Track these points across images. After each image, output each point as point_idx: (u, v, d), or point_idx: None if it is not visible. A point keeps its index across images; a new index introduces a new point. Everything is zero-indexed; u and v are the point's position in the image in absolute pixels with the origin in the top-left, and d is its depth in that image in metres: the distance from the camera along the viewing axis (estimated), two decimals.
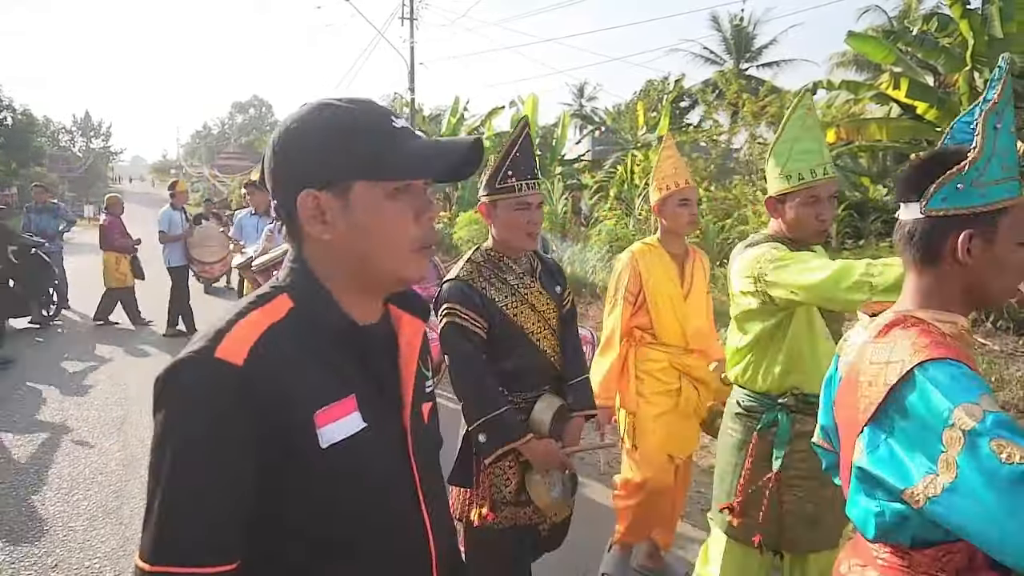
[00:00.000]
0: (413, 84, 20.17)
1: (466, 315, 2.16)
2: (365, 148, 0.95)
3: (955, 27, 8.40)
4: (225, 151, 62.91)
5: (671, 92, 19.65)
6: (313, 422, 0.93)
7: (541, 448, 2.18)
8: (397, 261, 1.00)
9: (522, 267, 2.32)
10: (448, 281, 2.23)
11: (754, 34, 27.19)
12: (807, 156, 2.15)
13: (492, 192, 2.23)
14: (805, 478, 2.12)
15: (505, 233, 2.25)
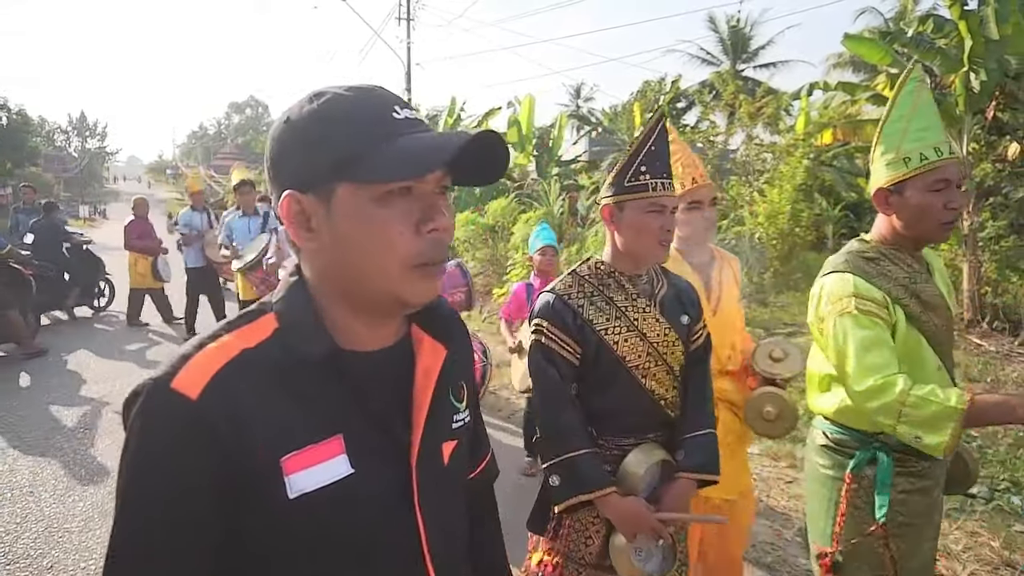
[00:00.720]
0: (410, 85, 20.17)
1: (554, 335, 1.86)
2: (347, 143, 0.81)
3: (951, 28, 8.41)
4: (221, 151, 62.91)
5: (668, 93, 19.69)
6: (280, 467, 0.80)
7: (623, 507, 1.79)
8: (389, 280, 0.84)
9: (639, 287, 1.93)
10: (543, 293, 1.95)
11: (751, 35, 27.21)
12: (927, 134, 1.82)
13: (620, 191, 1.88)
14: (911, 524, 1.87)
15: (633, 241, 1.87)
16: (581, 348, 1.86)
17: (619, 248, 1.91)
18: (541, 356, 1.87)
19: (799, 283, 9.77)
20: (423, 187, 0.84)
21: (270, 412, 0.81)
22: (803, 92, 11.86)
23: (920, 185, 1.80)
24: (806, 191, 10.26)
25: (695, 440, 1.91)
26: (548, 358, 1.86)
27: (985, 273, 8.08)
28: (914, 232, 1.86)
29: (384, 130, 0.82)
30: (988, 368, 6.47)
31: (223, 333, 0.85)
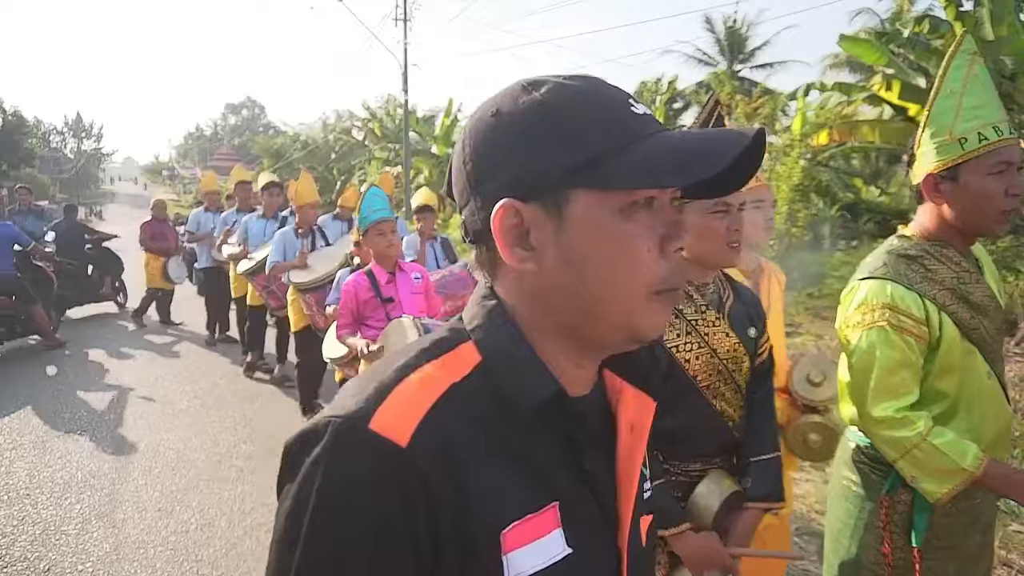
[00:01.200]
0: (406, 85, 20.15)
1: None
2: (589, 142, 0.66)
3: (947, 29, 8.45)
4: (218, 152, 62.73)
5: (665, 93, 19.73)
6: (499, 542, 0.65)
7: (697, 544, 1.66)
8: (629, 310, 0.68)
9: (706, 297, 1.73)
10: None
11: (747, 36, 27.23)
12: (983, 111, 1.60)
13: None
14: (948, 548, 1.73)
15: (697, 247, 1.65)
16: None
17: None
18: None
19: (796, 283, 9.77)
20: (663, 198, 0.69)
21: (486, 468, 0.65)
22: (800, 93, 11.89)
23: (978, 169, 1.58)
24: (803, 191, 10.29)
25: (761, 465, 1.77)
26: None
27: None
28: (968, 223, 1.66)
29: (629, 127, 0.67)
30: None
31: (423, 361, 0.69)
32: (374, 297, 3.53)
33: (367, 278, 3.55)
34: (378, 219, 3.49)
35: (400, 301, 3.53)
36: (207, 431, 5.27)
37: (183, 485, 4.30)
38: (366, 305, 3.54)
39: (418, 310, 3.54)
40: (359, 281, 3.55)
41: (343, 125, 31.21)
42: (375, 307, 3.52)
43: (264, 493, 4.20)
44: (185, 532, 3.70)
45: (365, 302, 3.54)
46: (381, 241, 3.52)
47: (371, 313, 3.55)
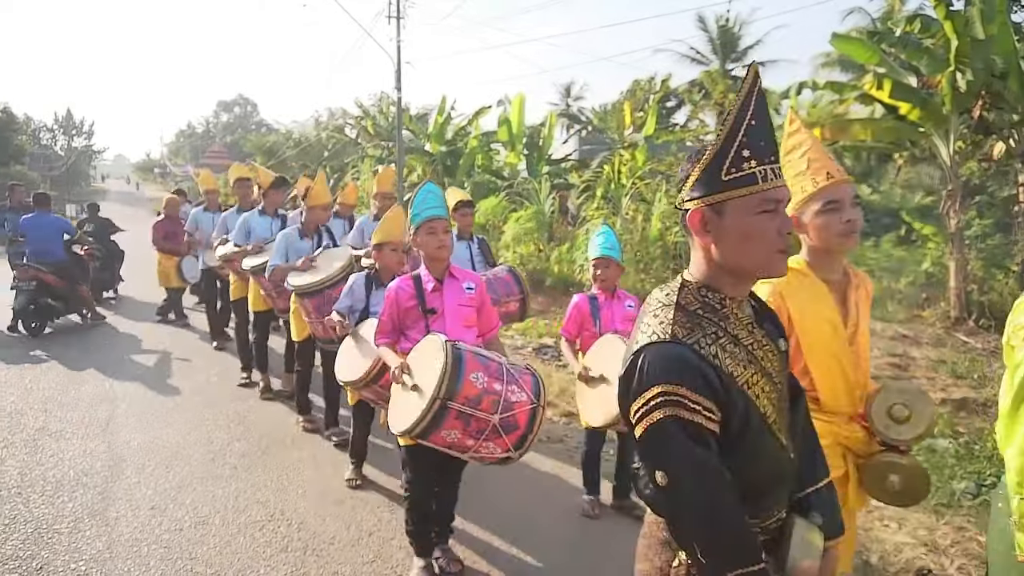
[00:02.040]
0: (400, 83, 20.09)
1: (699, 405, 1.29)
2: None
3: (938, 28, 8.49)
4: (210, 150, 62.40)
5: (658, 92, 19.76)
6: None
7: None
8: None
9: (744, 312, 1.47)
10: (660, 345, 1.35)
11: (740, 34, 27.30)
12: None
13: (716, 188, 1.38)
14: None
15: (741, 253, 1.39)
16: (722, 412, 1.34)
17: (719, 263, 1.42)
18: (688, 440, 1.29)
19: None
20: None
21: None
22: (792, 91, 11.91)
23: None
24: None
25: (822, 496, 1.57)
26: (699, 439, 1.30)
27: (972, 271, 8.16)
28: None
29: None
30: (975, 365, 6.54)
31: None
32: (416, 306, 3.11)
33: (412, 283, 3.15)
34: (431, 216, 3.10)
35: (444, 313, 3.10)
36: (201, 428, 5.25)
37: (177, 483, 4.29)
38: (407, 314, 3.13)
39: (464, 325, 3.13)
40: (403, 286, 3.16)
41: (336, 123, 31.12)
42: (416, 318, 3.12)
43: (258, 490, 4.20)
44: (179, 530, 3.69)
45: (407, 310, 3.13)
46: (431, 241, 3.10)
47: (412, 324, 3.14)
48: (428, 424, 2.62)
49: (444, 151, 18.43)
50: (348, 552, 3.51)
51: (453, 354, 2.66)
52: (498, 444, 2.66)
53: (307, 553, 3.49)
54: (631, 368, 1.36)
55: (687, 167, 1.45)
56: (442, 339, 2.75)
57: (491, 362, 2.76)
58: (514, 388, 2.70)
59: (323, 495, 4.17)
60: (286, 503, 4.05)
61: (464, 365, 2.65)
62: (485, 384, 2.65)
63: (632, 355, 1.37)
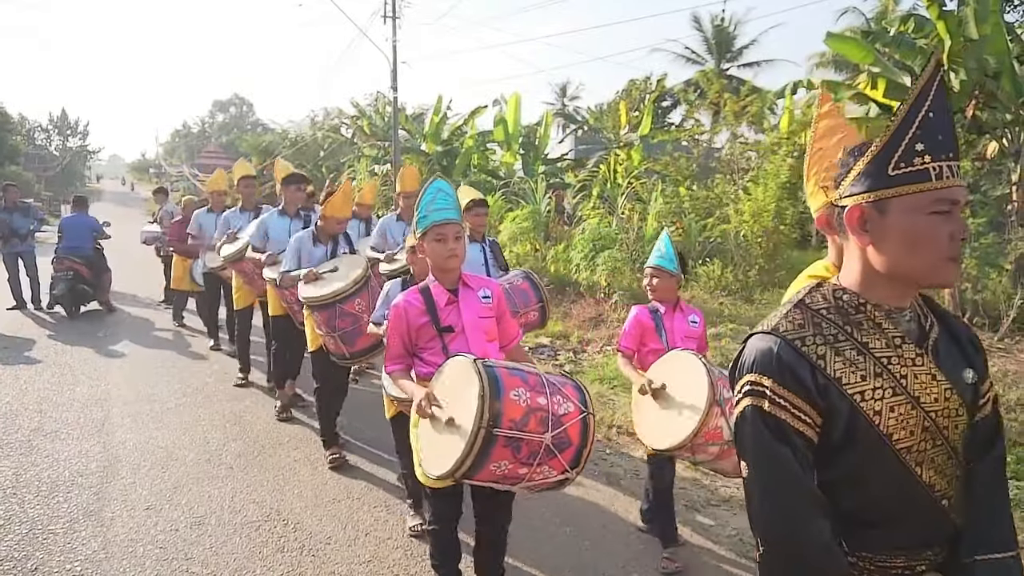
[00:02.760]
0: (396, 83, 20.07)
1: (785, 399, 1.25)
2: None
3: (931, 28, 8.51)
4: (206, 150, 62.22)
5: (653, 92, 19.77)
6: None
7: None
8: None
9: (901, 326, 1.32)
10: (759, 335, 1.34)
11: (735, 34, 27.36)
12: None
13: (881, 183, 1.26)
14: None
15: (905, 258, 1.25)
16: (823, 419, 1.26)
17: (876, 268, 1.29)
18: (766, 431, 1.26)
19: (784, 280, 9.84)
20: None
21: None
22: (787, 91, 11.96)
23: None
24: (790, 189, 10.34)
25: (993, 567, 1.28)
26: (778, 434, 1.25)
27: (965, 270, 8.19)
28: None
29: None
30: None
31: None
32: (429, 323, 2.70)
33: (421, 297, 2.73)
34: (441, 220, 2.67)
35: (464, 330, 2.70)
36: (197, 429, 5.25)
37: (172, 483, 4.29)
38: (420, 333, 2.73)
39: (486, 340, 2.75)
40: (411, 301, 2.73)
41: (332, 123, 31.06)
42: (430, 337, 2.72)
43: (254, 491, 4.19)
44: (175, 531, 3.69)
45: (418, 329, 2.72)
46: (440, 250, 2.67)
47: (425, 344, 2.74)
48: (475, 459, 2.24)
49: (440, 151, 18.42)
50: (345, 552, 3.51)
51: (488, 374, 2.30)
52: (553, 466, 2.33)
53: (303, 553, 3.49)
54: (736, 357, 1.37)
55: (849, 160, 1.34)
56: (470, 359, 2.39)
57: (528, 375, 2.42)
58: (559, 400, 2.37)
59: (319, 495, 4.17)
60: (282, 503, 4.05)
61: (502, 384, 2.30)
62: (529, 401, 2.31)
63: (743, 343, 1.38)
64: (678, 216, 10.76)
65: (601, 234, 10.22)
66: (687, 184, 11.93)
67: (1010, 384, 5.99)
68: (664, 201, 10.89)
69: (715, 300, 9.11)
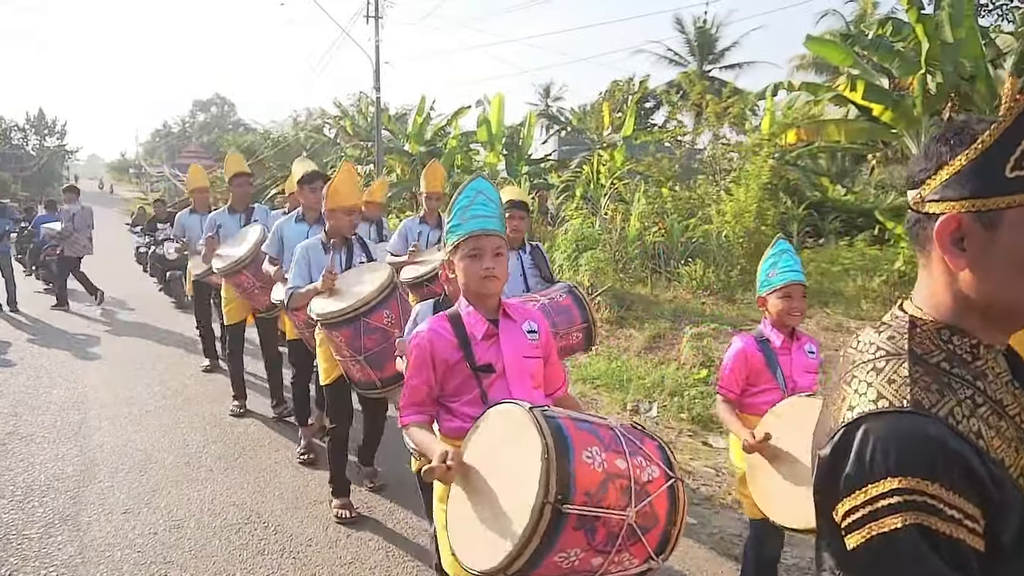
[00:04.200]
0: (379, 83, 20.02)
1: (960, 511, 0.87)
2: None
3: (909, 32, 8.64)
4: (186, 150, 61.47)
5: (636, 93, 19.87)
6: None
7: None
8: None
9: (1001, 366, 1.00)
10: (881, 416, 0.94)
11: (717, 36, 27.59)
12: None
13: (995, 187, 0.93)
14: None
15: (1018, 288, 0.94)
16: (985, 518, 0.89)
17: (969, 296, 0.98)
18: (938, 562, 0.86)
19: None
20: None
21: None
22: (768, 92, 12.06)
23: None
24: (771, 190, 10.44)
25: None
26: (956, 561, 0.86)
27: None
28: None
29: None
30: None
31: None
32: (462, 360, 2.07)
33: (451, 326, 2.11)
34: (478, 230, 2.07)
35: (505, 372, 2.08)
36: (176, 431, 5.19)
37: (151, 487, 4.23)
38: (450, 374, 2.09)
39: (532, 386, 2.14)
40: (438, 330, 2.10)
41: (314, 123, 30.89)
42: (464, 379, 2.09)
43: (234, 493, 4.15)
44: (153, 534, 3.65)
45: (448, 368, 2.08)
46: (475, 268, 2.06)
47: (458, 388, 2.10)
48: (537, 548, 1.57)
49: (423, 151, 18.38)
50: (326, 554, 3.49)
51: (551, 427, 1.65)
52: (635, 552, 1.71)
53: (284, 555, 3.46)
54: (842, 446, 0.94)
55: (937, 149, 1.00)
56: (523, 406, 1.75)
57: (599, 427, 1.77)
58: (641, 461, 1.75)
59: (300, 497, 4.14)
60: (263, 505, 4.01)
61: (571, 440, 1.65)
62: (605, 463, 1.66)
63: (844, 427, 0.95)
64: (660, 216, 10.81)
65: (584, 234, 10.24)
66: (669, 185, 12.00)
67: None
68: (647, 202, 10.94)
69: (697, 300, 9.16)
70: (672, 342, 7.20)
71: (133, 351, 7.78)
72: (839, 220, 13.98)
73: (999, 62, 8.48)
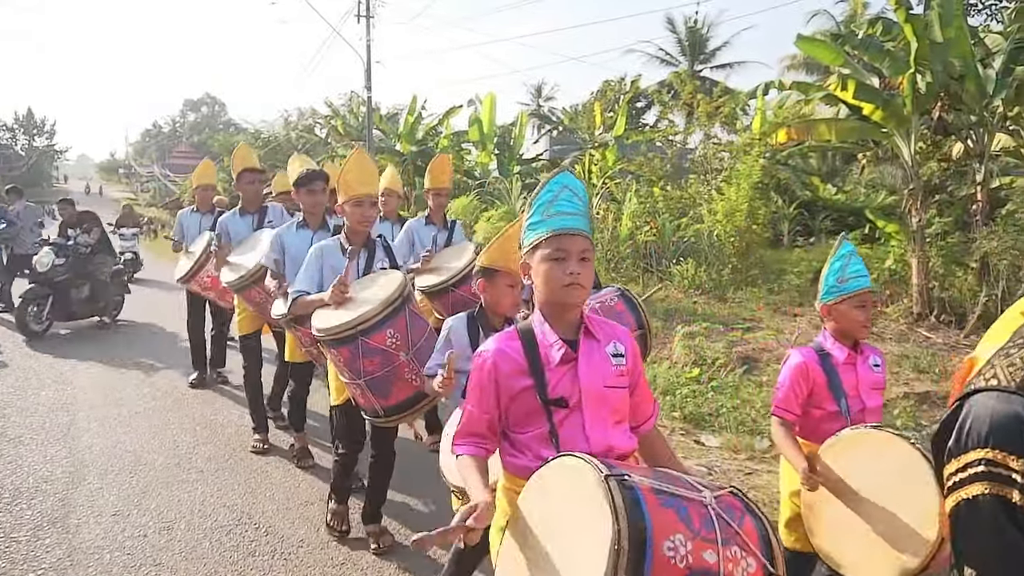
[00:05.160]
0: (370, 82, 19.98)
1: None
2: None
3: (899, 31, 8.67)
4: (177, 150, 61.39)
5: (628, 92, 19.89)
6: None
7: None
8: None
9: None
10: (986, 393, 1.02)
11: (708, 36, 27.70)
12: None
13: None
14: None
15: None
16: None
17: None
18: (1014, 531, 0.93)
19: (756, 279, 9.96)
20: None
21: None
22: (759, 92, 12.09)
23: None
24: (762, 189, 10.48)
25: None
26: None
27: (932, 268, 8.36)
28: None
29: None
30: (936, 360, 6.68)
31: None
32: (531, 390, 1.72)
33: (521, 345, 1.77)
34: (565, 228, 1.76)
35: (581, 405, 1.72)
36: (166, 432, 5.15)
37: (140, 488, 4.20)
38: (515, 403, 1.75)
39: (614, 420, 1.77)
40: (505, 350, 1.77)
41: (305, 123, 30.79)
42: (530, 410, 1.74)
43: (225, 495, 4.13)
44: (143, 536, 3.62)
45: (514, 397, 1.74)
46: (557, 273, 1.72)
47: (522, 420, 1.76)
48: None
49: (415, 151, 18.35)
50: (317, 555, 3.47)
51: (627, 502, 1.29)
52: None
53: (275, 557, 3.44)
54: (951, 419, 1.00)
55: None
56: (597, 471, 1.36)
57: (689, 503, 1.38)
58: (735, 551, 1.34)
59: (291, 498, 4.12)
60: (254, 507, 3.99)
61: (650, 525, 1.28)
62: (689, 557, 1.29)
63: (956, 402, 1.01)
64: (652, 216, 10.84)
65: None
66: (661, 184, 12.03)
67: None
68: (638, 201, 10.97)
69: (689, 299, 9.18)
70: (664, 341, 7.21)
71: (123, 353, 7.72)
72: (830, 219, 14.06)
73: (988, 61, 8.52)
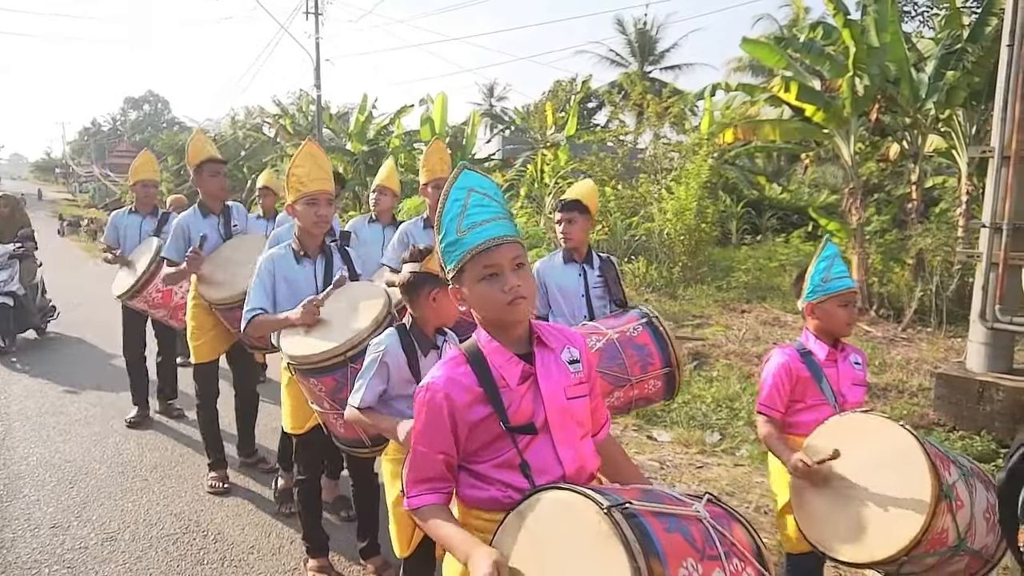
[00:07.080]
0: (319, 81, 19.69)
1: None
2: None
3: (838, 35, 8.98)
4: (117, 149, 59.39)
5: (579, 93, 20.07)
6: None
7: None
8: None
9: None
10: None
11: (657, 38, 28.14)
12: None
13: None
14: None
15: None
16: None
17: None
18: None
19: (705, 277, 10.17)
20: None
21: None
22: (706, 93, 12.35)
23: None
24: (711, 188, 10.72)
25: None
26: None
27: (872, 264, 8.68)
28: None
29: None
30: (876, 352, 6.94)
31: None
32: (492, 417, 1.50)
33: (471, 369, 1.53)
34: (483, 242, 1.51)
35: (550, 426, 1.53)
36: (108, 441, 4.98)
37: (81, 499, 4.05)
38: (475, 434, 1.52)
39: (580, 436, 1.59)
40: (454, 378, 1.53)
41: (253, 121, 30.15)
42: (492, 437, 1.52)
43: (172, 502, 4.01)
44: (84, 548, 3.49)
45: (474, 428, 1.52)
46: (493, 293, 1.50)
47: (483, 449, 1.54)
48: None
49: (366, 150, 18.15)
50: (269, 561, 3.40)
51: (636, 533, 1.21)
52: None
53: (225, 564, 3.36)
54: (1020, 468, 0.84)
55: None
56: (601, 503, 1.26)
57: (688, 521, 1.32)
58: (736, 564, 1.30)
59: (241, 503, 4.03)
60: (202, 514, 3.89)
61: (662, 553, 1.21)
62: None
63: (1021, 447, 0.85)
64: (604, 215, 10.95)
65: (529, 233, 10.29)
66: (612, 184, 12.17)
67: (912, 371, 6.37)
68: None
69: (640, 296, 9.31)
70: None
71: (63, 362, 7.43)
72: (775, 217, 14.47)
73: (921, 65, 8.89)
